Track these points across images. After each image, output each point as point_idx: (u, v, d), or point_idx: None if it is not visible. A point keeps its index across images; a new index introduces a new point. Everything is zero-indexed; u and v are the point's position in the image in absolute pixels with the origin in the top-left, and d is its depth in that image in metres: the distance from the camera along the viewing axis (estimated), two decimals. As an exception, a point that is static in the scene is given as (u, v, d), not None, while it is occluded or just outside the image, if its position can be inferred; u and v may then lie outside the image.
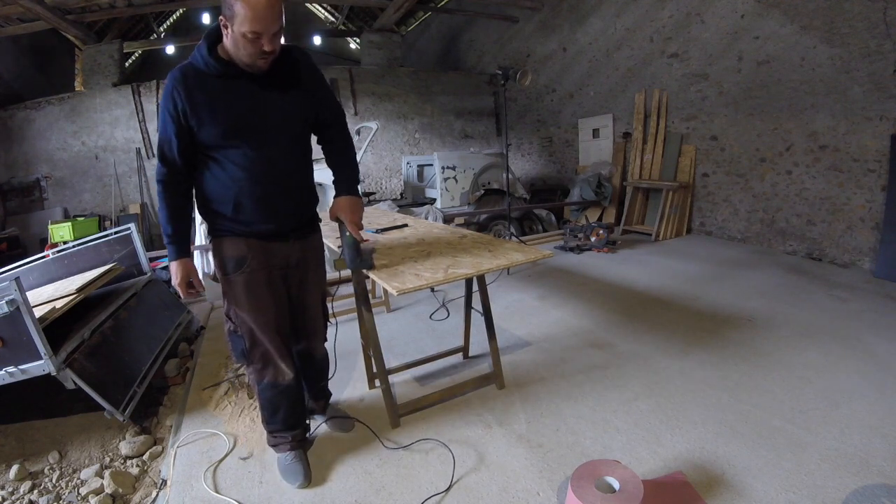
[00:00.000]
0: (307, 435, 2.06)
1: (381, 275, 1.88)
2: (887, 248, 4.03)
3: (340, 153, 1.87)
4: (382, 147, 9.44)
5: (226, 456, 2.05)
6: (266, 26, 1.41)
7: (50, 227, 5.83)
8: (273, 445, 1.96)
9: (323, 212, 2.04)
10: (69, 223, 5.88)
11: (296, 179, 1.75)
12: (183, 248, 1.70)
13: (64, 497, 1.96)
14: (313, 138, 1.86)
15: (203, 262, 5.07)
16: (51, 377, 2.08)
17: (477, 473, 1.86)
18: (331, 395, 2.26)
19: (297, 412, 1.92)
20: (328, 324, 2.07)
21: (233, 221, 1.66)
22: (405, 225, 2.90)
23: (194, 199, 1.74)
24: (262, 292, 1.72)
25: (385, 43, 9.57)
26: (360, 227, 1.83)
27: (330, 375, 2.21)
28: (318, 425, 2.17)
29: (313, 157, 1.86)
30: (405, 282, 1.77)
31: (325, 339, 2.07)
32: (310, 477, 1.86)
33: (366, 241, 2.00)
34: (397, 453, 2.00)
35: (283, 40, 1.53)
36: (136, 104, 7.91)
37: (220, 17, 1.47)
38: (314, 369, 2.08)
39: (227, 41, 1.49)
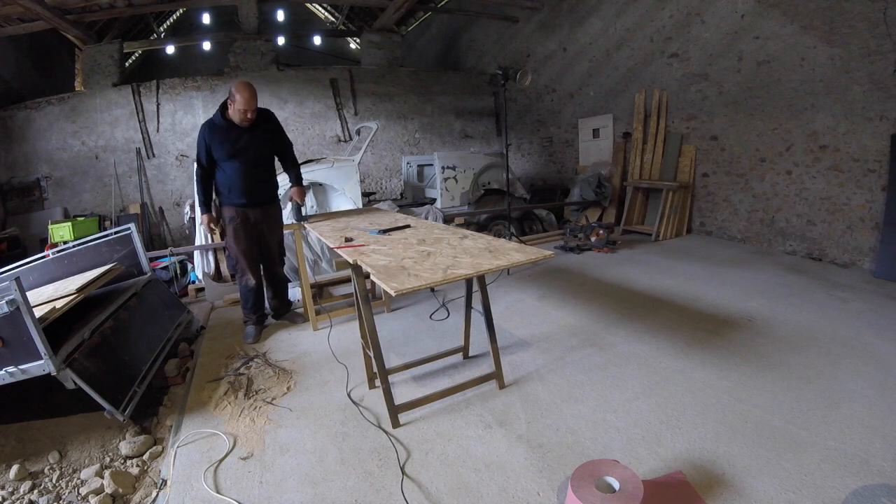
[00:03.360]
0: (264, 322, 3.52)
1: (381, 275, 1.88)
2: (887, 248, 4.03)
3: (291, 166, 3.41)
4: (382, 147, 9.44)
5: (226, 456, 2.05)
6: (249, 108, 2.95)
7: (50, 227, 5.82)
8: (244, 321, 3.42)
9: (323, 210, 2.11)
10: (69, 223, 5.87)
11: (259, 178, 3.23)
12: (207, 207, 3.23)
13: (64, 497, 1.96)
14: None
15: (203, 262, 5.07)
16: (51, 377, 2.08)
17: (477, 473, 1.86)
18: (291, 303, 3.75)
19: (257, 304, 3.41)
20: (284, 256, 3.58)
21: (228, 197, 3.18)
22: (408, 226, 2.89)
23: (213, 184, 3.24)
24: (241, 235, 3.22)
25: (385, 43, 9.56)
26: (303, 202, 3.42)
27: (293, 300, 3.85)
28: (269, 321, 3.62)
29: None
30: (404, 282, 1.77)
31: (283, 265, 3.60)
32: (259, 340, 3.31)
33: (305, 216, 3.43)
34: (397, 453, 2.00)
35: (259, 105, 3.05)
36: (136, 104, 7.90)
37: (228, 98, 2.94)
38: (277, 282, 3.55)
39: (230, 110, 2.98)
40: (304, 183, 5.66)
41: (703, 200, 5.97)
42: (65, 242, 4.93)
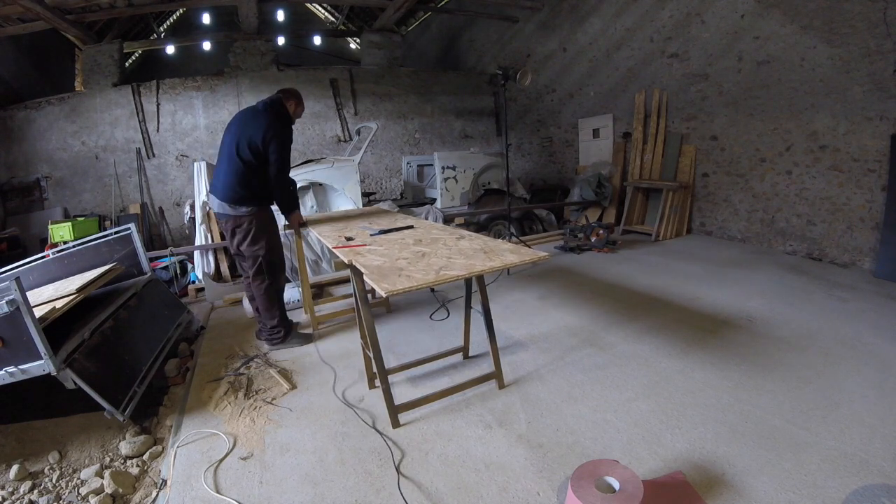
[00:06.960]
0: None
1: (374, 275, 1.88)
2: (887, 248, 4.03)
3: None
4: (382, 147, 9.43)
5: (226, 456, 2.05)
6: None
7: (50, 227, 5.81)
8: (280, 342, 3.16)
9: (323, 210, 2.10)
10: (69, 223, 5.85)
11: None
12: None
13: (64, 497, 1.96)
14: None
15: (203, 262, 5.07)
16: (51, 377, 2.08)
17: (477, 473, 1.86)
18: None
19: (284, 312, 3.24)
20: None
21: (269, 199, 3.10)
22: (410, 226, 2.87)
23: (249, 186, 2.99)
24: (279, 239, 3.20)
25: (385, 43, 9.55)
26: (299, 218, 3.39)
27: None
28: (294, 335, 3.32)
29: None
30: (395, 283, 1.77)
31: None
32: (311, 339, 3.27)
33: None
34: (397, 453, 2.00)
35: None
36: (136, 104, 7.89)
37: (292, 101, 3.06)
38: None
39: (294, 110, 3.09)
40: (305, 183, 5.70)
41: (703, 200, 5.96)
42: (65, 242, 4.92)
